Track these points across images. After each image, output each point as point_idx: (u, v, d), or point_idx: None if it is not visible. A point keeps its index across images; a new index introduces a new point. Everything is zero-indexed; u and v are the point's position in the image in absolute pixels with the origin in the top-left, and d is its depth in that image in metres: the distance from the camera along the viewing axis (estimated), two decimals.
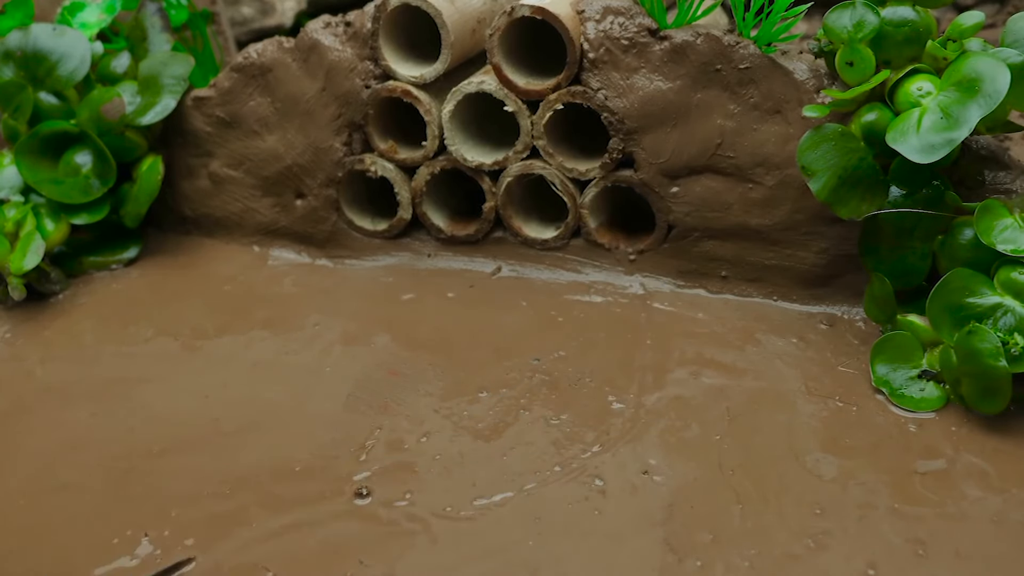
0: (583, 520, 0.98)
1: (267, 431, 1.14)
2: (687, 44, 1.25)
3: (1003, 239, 1.08)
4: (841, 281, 1.28)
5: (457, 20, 1.33)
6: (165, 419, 1.17)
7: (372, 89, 1.40)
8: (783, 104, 1.24)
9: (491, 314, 1.33)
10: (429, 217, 1.45)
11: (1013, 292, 1.07)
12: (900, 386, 1.12)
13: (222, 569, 0.95)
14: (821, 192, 1.15)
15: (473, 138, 1.40)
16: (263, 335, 1.32)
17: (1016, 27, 1.13)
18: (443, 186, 1.46)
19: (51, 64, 1.47)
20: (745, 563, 0.92)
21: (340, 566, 0.94)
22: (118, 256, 1.53)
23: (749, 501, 0.99)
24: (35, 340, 1.35)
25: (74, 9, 1.57)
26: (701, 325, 1.28)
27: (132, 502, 1.04)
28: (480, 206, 1.42)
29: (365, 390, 1.20)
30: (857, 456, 1.04)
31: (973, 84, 1.07)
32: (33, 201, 1.46)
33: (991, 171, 1.19)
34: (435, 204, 1.46)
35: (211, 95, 1.49)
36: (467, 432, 1.11)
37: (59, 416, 1.19)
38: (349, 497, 1.03)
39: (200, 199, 1.56)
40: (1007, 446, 1.05)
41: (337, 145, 1.44)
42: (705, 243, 1.34)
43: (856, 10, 1.12)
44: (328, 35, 1.41)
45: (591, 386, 1.17)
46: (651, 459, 1.05)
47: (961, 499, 0.98)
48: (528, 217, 1.43)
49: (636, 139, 1.30)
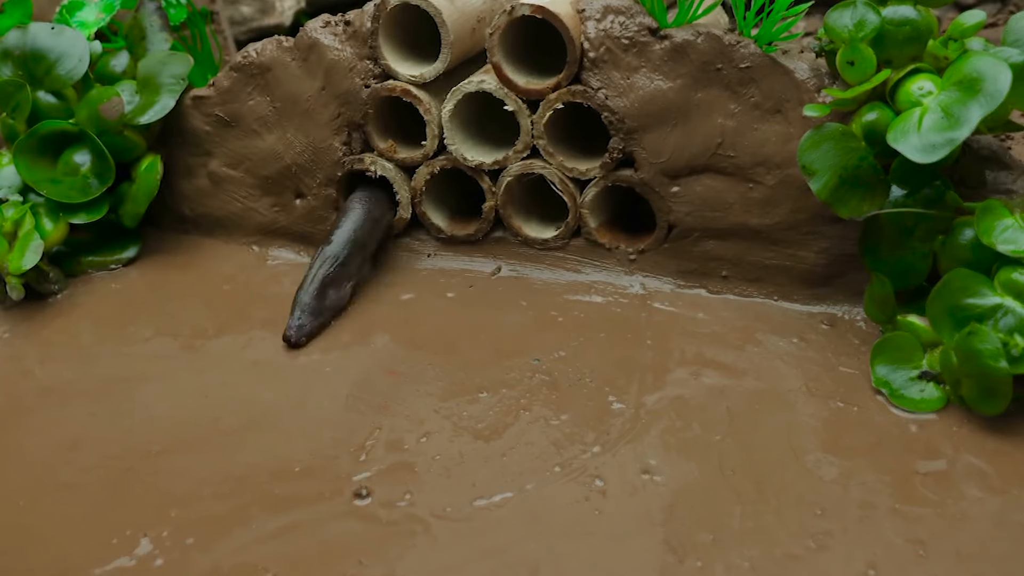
0: (583, 520, 0.98)
1: (266, 431, 1.13)
2: (688, 43, 1.25)
3: (1004, 240, 1.08)
4: (842, 281, 1.28)
5: (457, 19, 1.33)
6: (164, 419, 1.16)
7: (371, 88, 1.39)
8: (784, 103, 1.23)
9: (491, 314, 1.33)
10: (429, 217, 1.45)
11: (1014, 293, 1.07)
12: (900, 387, 1.12)
13: (222, 569, 0.95)
14: (822, 192, 1.15)
15: (473, 137, 1.40)
16: (262, 335, 1.32)
17: (1017, 26, 1.12)
18: (443, 186, 1.46)
19: (50, 63, 1.47)
20: (745, 563, 0.92)
21: (340, 566, 0.94)
22: (117, 256, 1.53)
23: (749, 501, 0.99)
24: (34, 340, 1.35)
25: (73, 8, 1.57)
26: (701, 325, 1.28)
27: (132, 502, 1.04)
28: (480, 206, 1.42)
29: (365, 390, 1.19)
30: (857, 456, 1.04)
31: (974, 83, 1.06)
32: (32, 201, 1.45)
33: (992, 171, 1.19)
34: (435, 204, 1.46)
35: (210, 94, 1.49)
36: (467, 432, 1.11)
37: (58, 416, 1.19)
38: (349, 497, 1.02)
39: (199, 199, 1.56)
40: (1007, 447, 1.05)
41: (336, 144, 1.44)
42: (705, 243, 1.33)
43: (857, 9, 1.12)
44: (327, 34, 1.41)
45: (591, 386, 1.17)
46: (651, 459, 1.05)
47: (961, 499, 0.98)
48: (528, 217, 1.43)
49: (636, 138, 1.30)
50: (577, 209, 1.37)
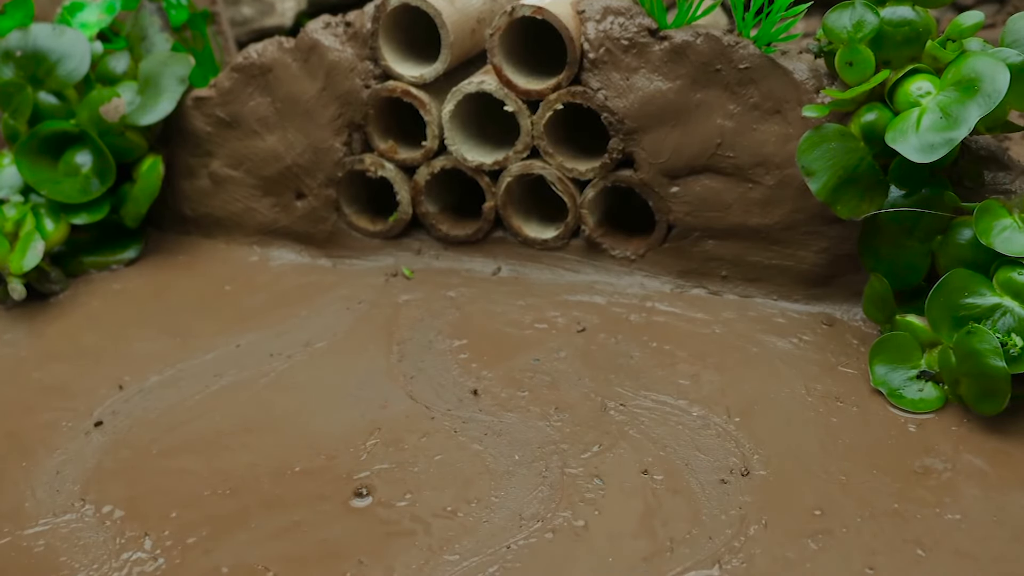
0: (583, 520, 0.98)
1: (267, 431, 1.14)
2: (687, 44, 1.25)
3: (1002, 240, 1.08)
4: (841, 281, 1.28)
5: (457, 20, 1.33)
6: (164, 419, 1.17)
7: (372, 89, 1.40)
8: (783, 104, 1.24)
9: (491, 314, 1.33)
10: (429, 217, 1.45)
11: (1012, 293, 1.07)
12: (899, 387, 1.12)
13: (222, 569, 0.95)
14: (821, 192, 1.15)
15: (473, 138, 1.40)
16: (263, 335, 1.32)
17: (1015, 27, 1.13)
18: (443, 186, 1.46)
19: (51, 64, 1.47)
20: (745, 564, 0.92)
21: (340, 566, 0.94)
22: (118, 256, 1.54)
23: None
24: (35, 340, 1.35)
25: (74, 9, 1.57)
26: (701, 325, 1.28)
27: (132, 502, 1.04)
28: (480, 206, 1.42)
29: (365, 390, 1.20)
30: (856, 456, 1.04)
31: (972, 84, 1.07)
32: (33, 201, 1.46)
33: (990, 171, 1.19)
34: (435, 204, 1.46)
35: (211, 95, 1.49)
36: (467, 432, 1.11)
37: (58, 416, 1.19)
38: (349, 497, 1.03)
39: (200, 199, 1.56)
40: (1006, 446, 1.05)
41: (337, 145, 1.44)
42: (705, 243, 1.34)
43: (856, 10, 1.12)
44: (328, 35, 1.41)
45: (591, 386, 1.17)
46: (650, 459, 1.05)
47: (960, 499, 0.98)
48: (528, 217, 1.43)
49: (636, 139, 1.30)
50: (577, 209, 1.37)
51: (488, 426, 1.12)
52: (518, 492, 1.02)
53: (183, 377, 1.25)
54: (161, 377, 1.25)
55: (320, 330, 1.32)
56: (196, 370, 1.26)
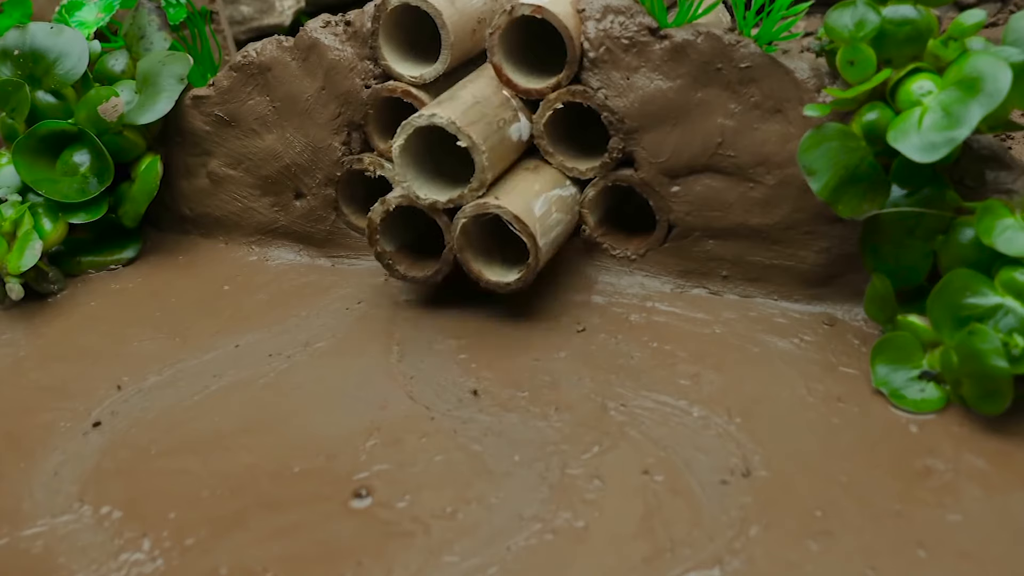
0: (583, 521, 0.98)
1: (266, 431, 1.13)
2: (687, 43, 1.25)
3: (1004, 240, 1.07)
4: (842, 281, 1.28)
5: (457, 20, 1.33)
6: (162, 420, 1.16)
7: (372, 89, 1.39)
8: (784, 103, 1.23)
9: (491, 314, 1.33)
10: (386, 257, 1.33)
11: (1014, 293, 1.06)
12: (900, 387, 1.12)
13: (221, 570, 0.95)
14: (822, 191, 1.14)
15: (426, 174, 1.29)
16: (262, 335, 1.32)
17: (1018, 26, 1.12)
18: (402, 222, 1.34)
19: (49, 63, 1.47)
20: (746, 565, 0.92)
21: (339, 567, 0.94)
22: (116, 256, 1.53)
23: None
24: (33, 340, 1.35)
25: (72, 8, 1.57)
26: (701, 325, 1.28)
27: (130, 503, 1.04)
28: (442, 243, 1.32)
29: (364, 390, 1.19)
30: (857, 456, 1.04)
31: (974, 83, 1.06)
32: (31, 200, 1.45)
33: (992, 171, 1.19)
34: (392, 242, 1.35)
35: (210, 94, 1.49)
36: (467, 432, 1.11)
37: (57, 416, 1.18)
38: (348, 498, 1.02)
39: (199, 198, 1.56)
40: (1008, 447, 1.04)
41: (336, 145, 1.44)
42: (706, 243, 1.33)
43: (857, 9, 1.12)
44: (328, 34, 1.41)
45: (591, 386, 1.17)
46: (651, 459, 1.05)
47: (962, 500, 0.98)
48: (490, 258, 1.30)
49: (636, 138, 1.30)
50: (537, 249, 1.24)
51: (488, 426, 1.11)
52: (518, 493, 1.02)
53: (182, 377, 1.24)
54: (160, 377, 1.25)
55: (319, 330, 1.32)
56: (195, 370, 1.26)
